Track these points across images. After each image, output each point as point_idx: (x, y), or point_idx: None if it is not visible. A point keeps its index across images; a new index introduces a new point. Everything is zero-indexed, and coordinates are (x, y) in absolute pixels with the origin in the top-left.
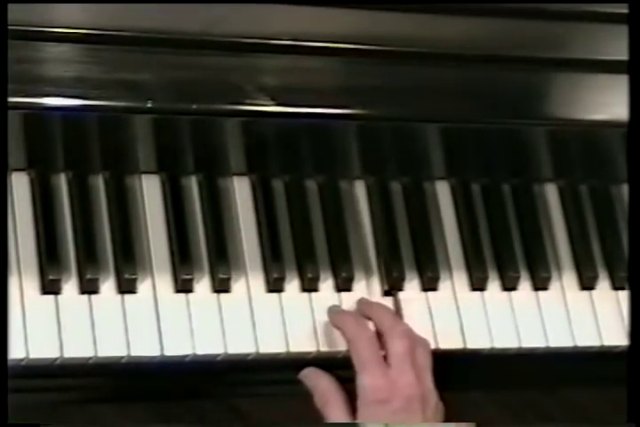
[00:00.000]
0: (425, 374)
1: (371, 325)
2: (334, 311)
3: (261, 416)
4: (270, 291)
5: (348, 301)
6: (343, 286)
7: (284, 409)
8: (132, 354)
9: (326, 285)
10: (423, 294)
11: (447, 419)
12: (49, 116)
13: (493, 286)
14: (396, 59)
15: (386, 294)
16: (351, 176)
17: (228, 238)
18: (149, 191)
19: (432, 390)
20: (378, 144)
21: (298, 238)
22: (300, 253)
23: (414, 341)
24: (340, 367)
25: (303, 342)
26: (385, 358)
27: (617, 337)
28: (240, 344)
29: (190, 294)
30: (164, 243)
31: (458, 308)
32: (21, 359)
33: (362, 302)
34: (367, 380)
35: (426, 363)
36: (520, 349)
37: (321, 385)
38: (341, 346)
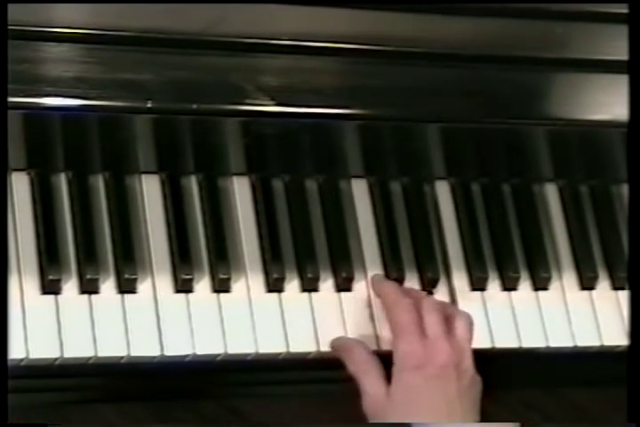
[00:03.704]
0: (462, 345)
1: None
2: (377, 280)
3: (261, 416)
4: (270, 291)
5: (348, 301)
6: (343, 285)
7: (284, 409)
8: (132, 354)
9: (326, 285)
10: (423, 294)
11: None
12: (49, 116)
13: (493, 285)
14: (396, 59)
15: None
16: (351, 176)
17: (228, 238)
18: (149, 191)
19: (469, 363)
20: (378, 144)
21: (298, 238)
22: (299, 253)
23: (450, 317)
24: (339, 367)
25: (303, 342)
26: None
27: (617, 337)
28: (240, 344)
29: (190, 294)
30: (164, 243)
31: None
32: (21, 359)
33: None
34: (403, 345)
35: (464, 336)
36: (520, 349)
37: (354, 352)
38: None
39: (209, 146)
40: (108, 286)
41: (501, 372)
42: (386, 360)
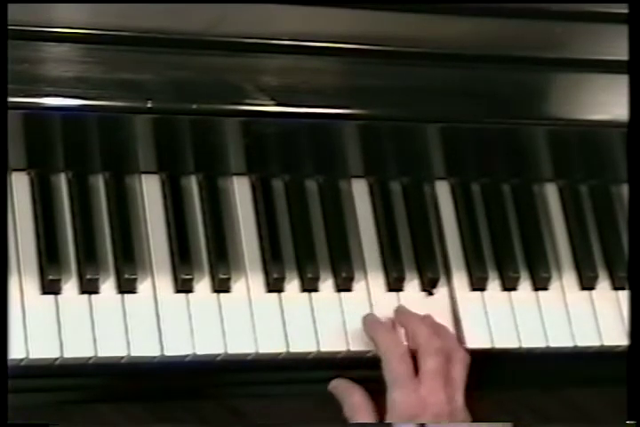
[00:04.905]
0: (456, 390)
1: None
2: (369, 321)
3: (261, 416)
4: (270, 291)
5: (348, 301)
6: (343, 286)
7: (284, 409)
8: (132, 354)
9: (326, 285)
10: (423, 293)
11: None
12: (49, 116)
13: (493, 285)
14: (396, 59)
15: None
16: (351, 176)
17: (228, 238)
18: (149, 191)
19: (461, 408)
20: (378, 144)
21: (298, 238)
22: (300, 253)
23: (449, 357)
24: (339, 368)
25: (303, 342)
26: (417, 371)
27: (617, 337)
28: (240, 344)
29: (190, 294)
30: (164, 243)
31: (458, 308)
32: (21, 359)
33: (400, 312)
34: (398, 396)
35: (459, 379)
36: (520, 349)
37: (351, 397)
38: (341, 346)
39: (209, 146)
40: (108, 286)
41: (501, 372)
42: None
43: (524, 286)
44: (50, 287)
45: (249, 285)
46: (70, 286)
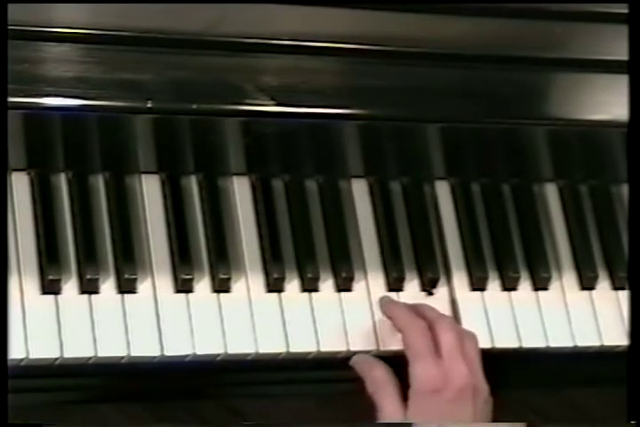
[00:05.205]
0: (475, 365)
1: None
2: (386, 301)
3: (261, 416)
4: (270, 291)
5: (348, 301)
6: (343, 286)
7: (284, 409)
8: (132, 354)
9: (326, 285)
10: (423, 293)
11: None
12: (49, 116)
13: (493, 285)
14: (396, 59)
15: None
16: (351, 176)
17: (228, 238)
18: (149, 191)
19: (483, 382)
20: (378, 144)
21: (298, 238)
22: (300, 253)
23: (462, 333)
24: (339, 368)
25: (303, 342)
26: (436, 348)
27: (617, 337)
28: (240, 344)
29: (190, 294)
30: (164, 243)
31: (458, 308)
32: (21, 359)
33: (406, 303)
34: (420, 369)
35: (475, 355)
36: (520, 349)
37: (373, 372)
38: (341, 346)
39: (209, 146)
40: (108, 286)
41: (501, 372)
42: (386, 361)
43: (524, 286)
44: (50, 287)
45: (249, 285)
46: (70, 286)
